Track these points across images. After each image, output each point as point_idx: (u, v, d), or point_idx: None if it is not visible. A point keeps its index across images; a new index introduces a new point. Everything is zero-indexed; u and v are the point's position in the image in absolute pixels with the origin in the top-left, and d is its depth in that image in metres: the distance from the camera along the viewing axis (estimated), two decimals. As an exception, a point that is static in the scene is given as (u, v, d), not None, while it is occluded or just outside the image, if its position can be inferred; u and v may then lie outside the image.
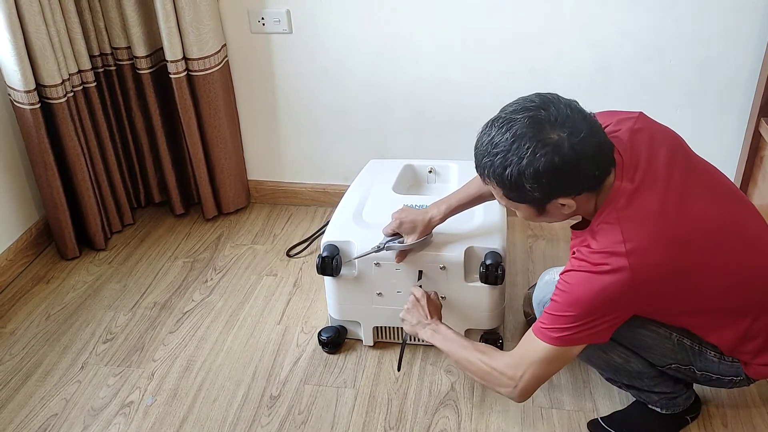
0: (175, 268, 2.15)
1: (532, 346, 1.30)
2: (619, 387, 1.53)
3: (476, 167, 1.27)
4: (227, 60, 2.21)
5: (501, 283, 1.63)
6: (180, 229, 2.34)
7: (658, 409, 1.51)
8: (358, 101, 2.22)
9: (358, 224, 1.74)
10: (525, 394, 1.34)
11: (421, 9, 2.04)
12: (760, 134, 1.96)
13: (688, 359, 1.37)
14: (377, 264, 1.66)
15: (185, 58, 2.09)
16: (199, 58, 2.09)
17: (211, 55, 2.11)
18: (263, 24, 2.14)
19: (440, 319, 1.55)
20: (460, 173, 1.93)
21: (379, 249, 1.62)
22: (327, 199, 2.40)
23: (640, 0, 1.92)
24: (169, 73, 2.10)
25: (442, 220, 1.61)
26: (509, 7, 2.00)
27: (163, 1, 1.97)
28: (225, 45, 2.19)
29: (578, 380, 1.68)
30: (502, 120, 1.21)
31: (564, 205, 1.24)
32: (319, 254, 1.68)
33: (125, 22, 2.06)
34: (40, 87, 1.95)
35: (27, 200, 2.19)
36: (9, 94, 1.96)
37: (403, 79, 2.16)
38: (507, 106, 1.24)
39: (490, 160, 1.21)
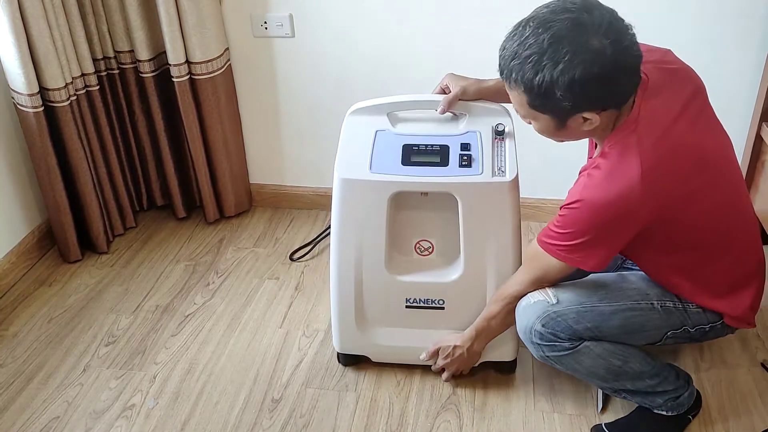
0: (177, 272, 2.15)
1: (540, 261, 1.35)
2: (624, 398, 1.52)
3: (501, 70, 1.19)
4: (230, 64, 2.22)
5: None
6: (182, 233, 2.35)
7: (664, 413, 1.50)
8: (360, 105, 2.23)
9: (363, 331, 1.65)
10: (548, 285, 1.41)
11: (423, 13, 2.05)
12: (762, 139, 1.96)
13: (678, 321, 1.39)
14: None
15: (188, 62, 2.10)
16: (202, 62, 2.10)
17: (214, 59, 2.12)
18: (266, 28, 2.15)
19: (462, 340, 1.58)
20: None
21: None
22: (329, 203, 2.38)
23: (642, 5, 1.93)
24: (172, 77, 2.11)
25: (476, 91, 1.53)
26: (511, 11, 2.00)
27: (166, 4, 1.98)
28: (228, 49, 2.19)
29: (580, 385, 1.68)
30: (539, 20, 1.12)
31: (587, 120, 1.19)
32: (338, 354, 1.75)
33: (128, 25, 2.06)
34: (43, 90, 1.95)
35: (30, 203, 2.20)
36: (12, 98, 1.97)
37: (406, 83, 2.16)
38: (541, 7, 1.16)
39: (519, 63, 1.14)
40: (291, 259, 2.19)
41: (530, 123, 1.29)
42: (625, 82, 1.16)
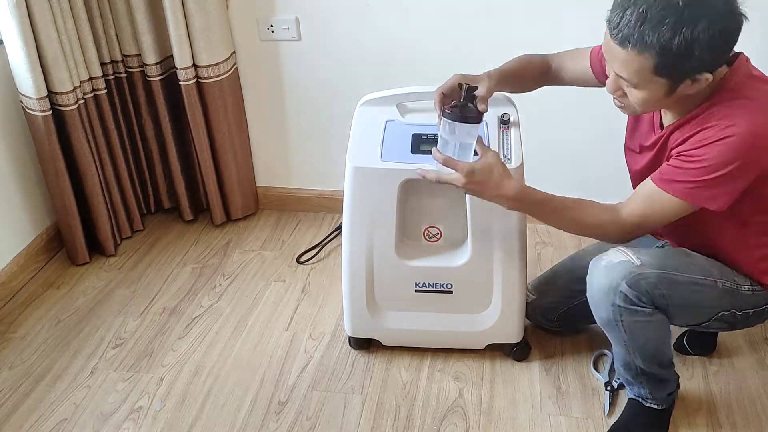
0: (184, 274, 2.16)
1: (652, 203, 1.31)
2: (640, 384, 1.52)
3: (623, 38, 1.16)
4: (236, 67, 2.23)
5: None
6: (189, 235, 2.35)
7: (655, 406, 1.54)
8: (366, 108, 2.23)
9: (373, 315, 1.70)
10: (631, 239, 1.38)
11: (429, 15, 2.05)
12: None
13: (729, 303, 1.40)
14: None
15: (195, 66, 2.11)
16: (209, 66, 2.11)
17: (221, 63, 2.13)
18: (272, 31, 2.16)
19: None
20: None
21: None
22: (335, 205, 2.41)
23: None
24: (179, 80, 2.12)
25: (495, 74, 1.49)
26: (517, 13, 2.00)
27: (173, 8, 1.99)
28: (234, 52, 2.20)
29: (587, 387, 1.68)
30: None
31: (698, 81, 1.19)
32: (350, 338, 1.79)
33: (136, 29, 2.07)
34: (51, 94, 1.97)
35: (38, 206, 2.21)
36: (21, 101, 1.98)
37: (412, 85, 2.16)
38: None
39: (653, 26, 1.12)
40: (297, 261, 2.19)
41: (622, 96, 1.28)
42: (738, 36, 1.19)
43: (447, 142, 1.37)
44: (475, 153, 1.39)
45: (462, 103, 1.35)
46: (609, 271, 1.35)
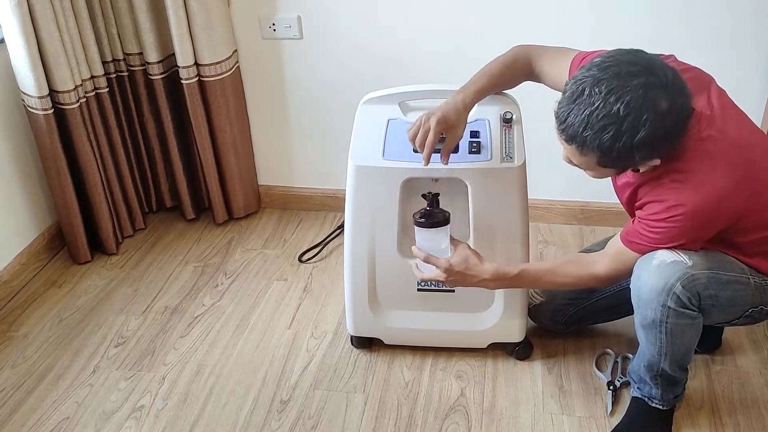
0: (186, 273, 2.16)
1: (624, 259, 1.38)
2: (655, 385, 1.51)
3: (569, 137, 1.20)
4: (238, 65, 2.22)
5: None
6: (191, 234, 2.35)
7: (661, 407, 1.53)
8: (368, 106, 2.23)
9: (375, 314, 1.71)
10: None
11: (431, 14, 2.05)
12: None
13: (759, 299, 1.40)
14: None
15: (197, 64, 2.11)
16: (211, 64, 2.10)
17: (223, 61, 2.12)
18: (274, 30, 2.15)
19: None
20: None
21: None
22: (337, 204, 2.40)
23: (650, 8, 1.92)
24: (181, 79, 2.11)
25: (474, 101, 1.45)
26: (519, 13, 2.00)
27: (175, 7, 1.99)
28: (236, 51, 2.20)
29: (589, 387, 1.68)
30: (606, 87, 1.13)
31: (647, 164, 1.24)
32: (352, 337, 1.79)
33: (137, 28, 2.07)
34: (53, 92, 1.96)
35: (40, 205, 2.21)
36: (23, 100, 1.98)
37: (413, 83, 2.16)
38: (596, 67, 1.16)
39: (595, 133, 1.15)
40: (299, 260, 2.19)
41: (578, 165, 1.32)
42: (687, 127, 1.22)
43: (423, 243, 1.50)
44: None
45: (429, 210, 1.47)
46: (662, 271, 1.31)
